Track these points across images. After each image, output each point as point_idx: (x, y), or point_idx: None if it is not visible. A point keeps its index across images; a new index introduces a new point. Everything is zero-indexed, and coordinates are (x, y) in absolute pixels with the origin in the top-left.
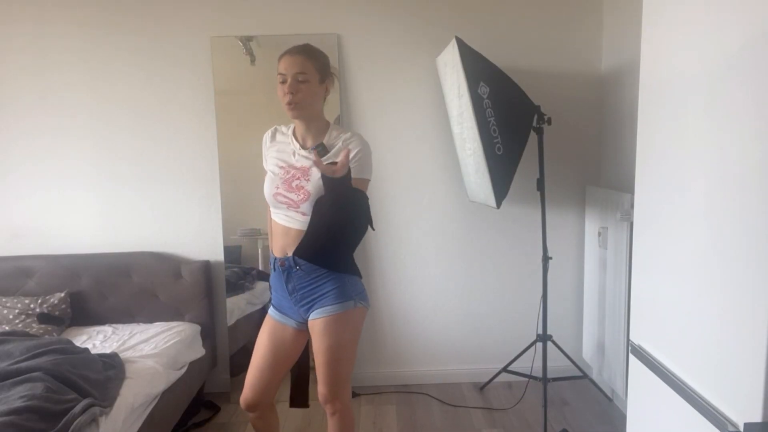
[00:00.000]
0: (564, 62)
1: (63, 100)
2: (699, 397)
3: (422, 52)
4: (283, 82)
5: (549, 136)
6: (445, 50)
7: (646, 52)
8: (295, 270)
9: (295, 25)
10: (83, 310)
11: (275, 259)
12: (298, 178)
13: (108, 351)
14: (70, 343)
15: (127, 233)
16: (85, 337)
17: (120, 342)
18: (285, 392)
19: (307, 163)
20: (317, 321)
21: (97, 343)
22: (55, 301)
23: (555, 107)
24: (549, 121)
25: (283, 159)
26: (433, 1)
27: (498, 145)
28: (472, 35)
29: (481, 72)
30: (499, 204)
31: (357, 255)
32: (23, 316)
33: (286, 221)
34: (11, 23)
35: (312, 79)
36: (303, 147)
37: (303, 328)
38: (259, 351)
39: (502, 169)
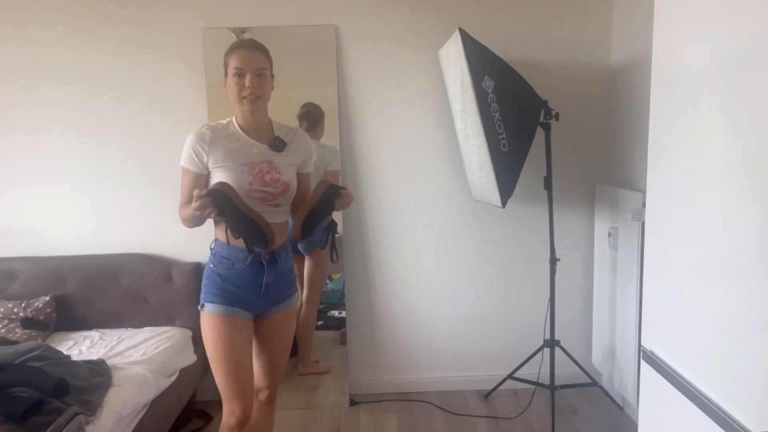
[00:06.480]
0: (572, 55)
1: (48, 94)
2: (713, 404)
3: (424, 44)
4: (239, 75)
5: (557, 133)
6: (447, 42)
7: (659, 45)
8: (276, 262)
9: (290, 16)
10: (69, 315)
11: (253, 253)
12: (269, 172)
13: (95, 357)
14: (50, 349)
15: (115, 234)
16: (71, 343)
17: (107, 348)
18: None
19: (270, 156)
20: (281, 314)
21: (84, 348)
22: (40, 305)
23: (563, 102)
24: (557, 117)
25: (242, 155)
26: None
27: (503, 142)
28: (476, 26)
29: (485, 65)
30: (504, 203)
31: (356, 256)
32: (6, 321)
33: None
34: None
35: (268, 75)
36: (258, 141)
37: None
38: (237, 356)
39: (508, 166)
